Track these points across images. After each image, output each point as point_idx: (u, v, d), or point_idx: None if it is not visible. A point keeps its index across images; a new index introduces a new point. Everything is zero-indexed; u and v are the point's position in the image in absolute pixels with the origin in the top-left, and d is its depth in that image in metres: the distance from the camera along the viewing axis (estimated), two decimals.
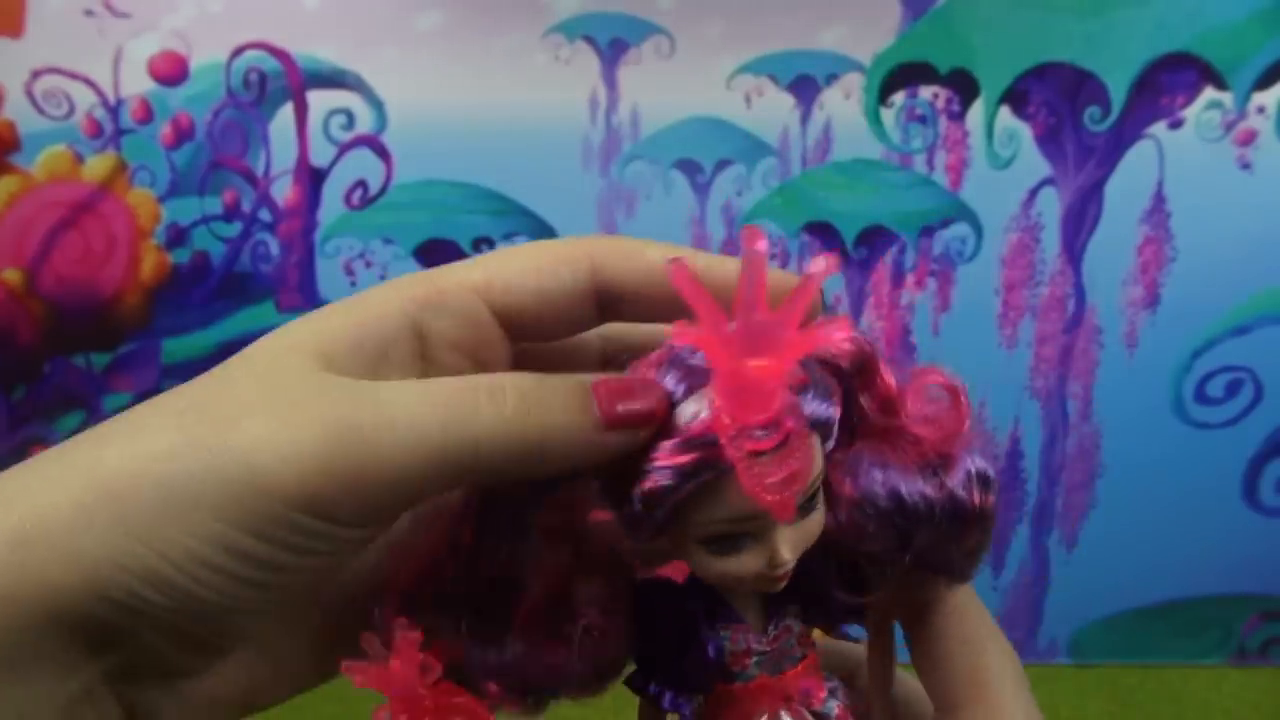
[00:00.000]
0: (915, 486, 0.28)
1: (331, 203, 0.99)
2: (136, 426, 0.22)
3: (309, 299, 1.00)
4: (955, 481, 0.28)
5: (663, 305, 0.27)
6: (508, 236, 1.00)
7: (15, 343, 0.98)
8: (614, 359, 0.30)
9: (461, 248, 1.00)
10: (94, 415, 0.99)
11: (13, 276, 0.98)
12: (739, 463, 0.25)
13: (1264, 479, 1.05)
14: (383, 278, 0.99)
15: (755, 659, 0.29)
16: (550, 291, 0.27)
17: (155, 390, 1.06)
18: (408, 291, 0.26)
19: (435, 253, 1.00)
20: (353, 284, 0.99)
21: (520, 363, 0.28)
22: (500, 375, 0.24)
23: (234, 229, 0.99)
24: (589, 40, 0.99)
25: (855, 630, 0.33)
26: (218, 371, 0.24)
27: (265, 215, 0.99)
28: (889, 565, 0.29)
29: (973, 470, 0.28)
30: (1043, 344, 1.04)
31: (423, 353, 0.26)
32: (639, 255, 0.27)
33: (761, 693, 0.30)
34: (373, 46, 0.99)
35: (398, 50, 0.99)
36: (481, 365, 0.27)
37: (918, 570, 0.29)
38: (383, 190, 0.99)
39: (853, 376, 0.28)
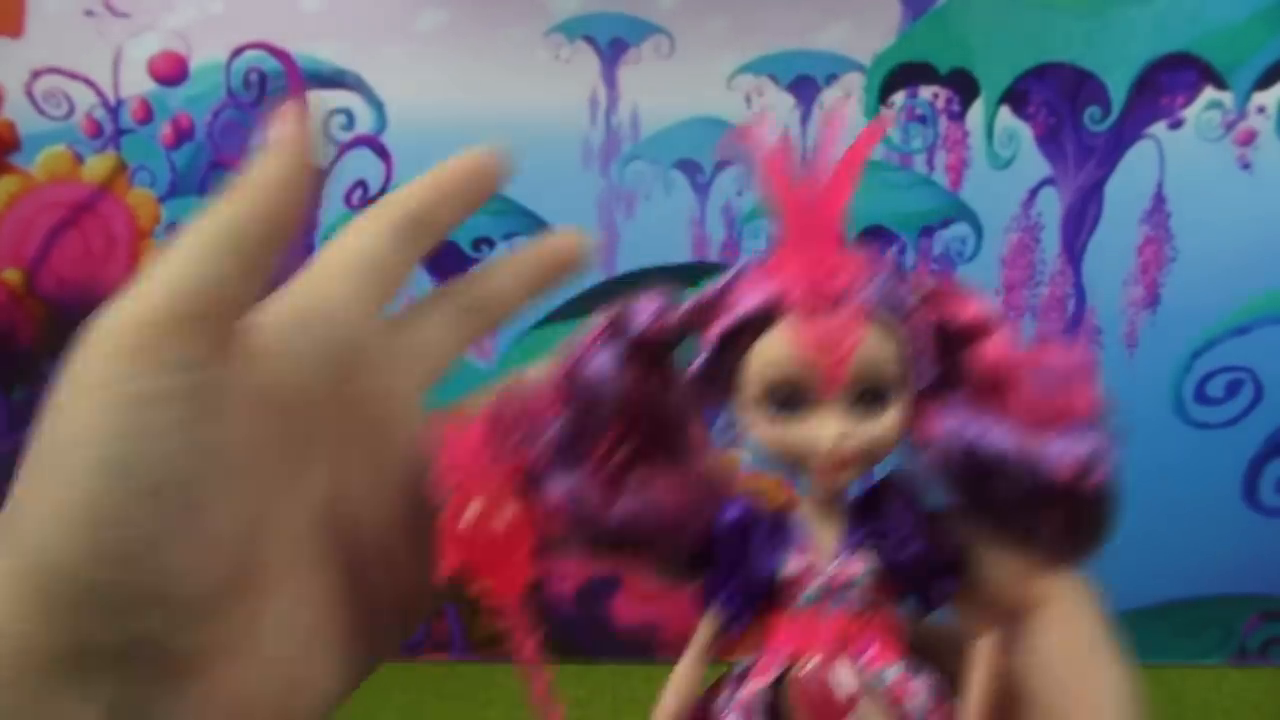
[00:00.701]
0: (995, 436, 0.27)
1: (331, 202, 0.99)
2: None
3: None
4: (1048, 448, 0.27)
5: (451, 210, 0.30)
6: (508, 236, 1.00)
7: (15, 343, 0.98)
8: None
9: (461, 248, 1.00)
10: None
11: (13, 276, 0.98)
12: (794, 307, 0.26)
13: (1264, 479, 1.05)
14: None
15: (814, 587, 0.28)
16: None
17: None
18: None
19: (435, 253, 1.00)
20: None
21: None
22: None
23: None
24: (589, 40, 0.99)
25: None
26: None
27: None
28: (974, 533, 0.28)
29: (1076, 447, 0.27)
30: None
31: None
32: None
33: (813, 626, 0.29)
34: (373, 46, 0.99)
35: (398, 50, 0.99)
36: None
37: (1015, 560, 0.27)
38: (383, 190, 0.99)
39: (963, 337, 0.28)
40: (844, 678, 0.27)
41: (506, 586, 0.27)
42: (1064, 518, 0.27)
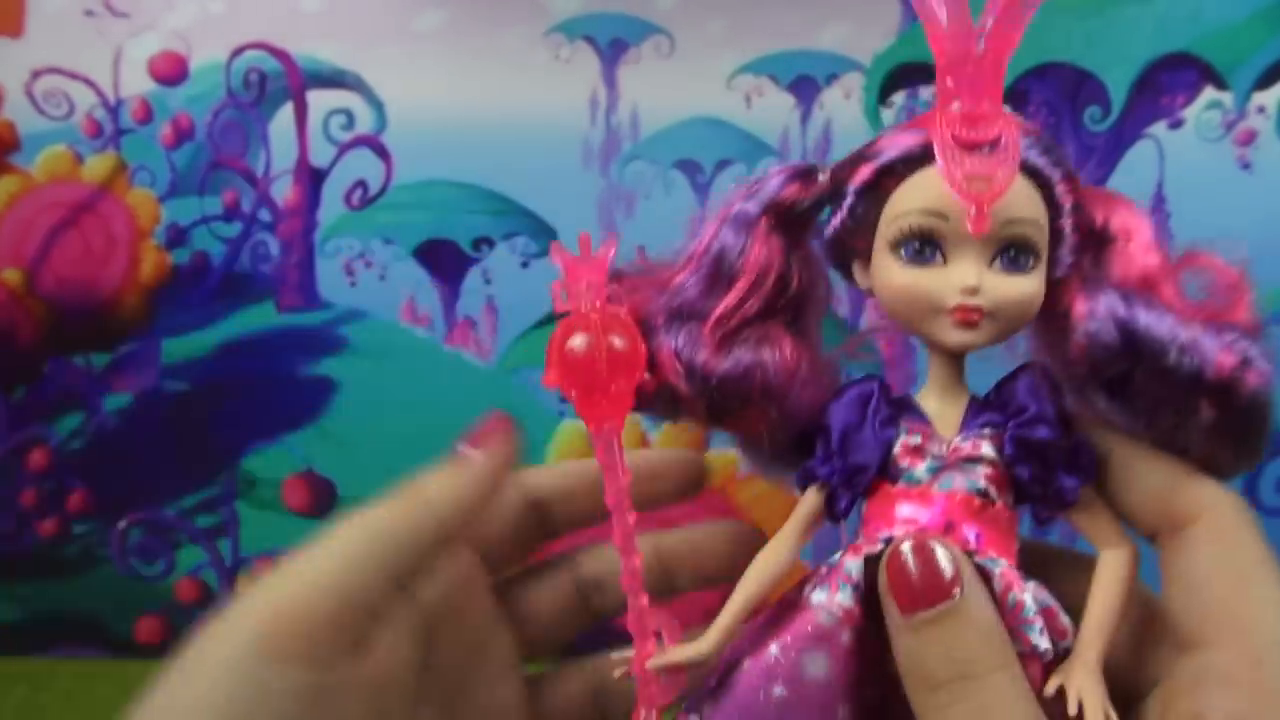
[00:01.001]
0: (1153, 318, 0.25)
1: (331, 203, 0.99)
2: None
3: (309, 299, 1.00)
4: (1207, 338, 0.24)
5: (585, 496, 0.31)
6: (508, 236, 1.00)
7: (15, 343, 0.98)
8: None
9: (461, 248, 1.00)
10: (94, 415, 0.99)
11: (13, 276, 0.98)
12: (944, 147, 0.25)
13: (1264, 479, 1.05)
14: (383, 278, 0.99)
15: (927, 463, 0.27)
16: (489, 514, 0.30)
17: (155, 390, 1.06)
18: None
19: (435, 253, 1.00)
20: (352, 284, 0.99)
21: None
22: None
23: (234, 229, 0.99)
24: (589, 40, 0.99)
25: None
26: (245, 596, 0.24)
27: (265, 215, 0.99)
28: (1116, 434, 0.26)
29: (1237, 344, 0.25)
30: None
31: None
32: (554, 464, 0.30)
33: (922, 502, 0.27)
34: (373, 46, 0.99)
35: (398, 50, 0.99)
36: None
37: (1163, 466, 0.25)
38: (383, 190, 0.99)
39: (1108, 237, 0.27)
40: (946, 557, 0.25)
41: (600, 414, 0.27)
42: (1220, 420, 0.25)
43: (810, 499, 0.29)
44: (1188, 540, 0.24)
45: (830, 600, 0.27)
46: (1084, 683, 0.25)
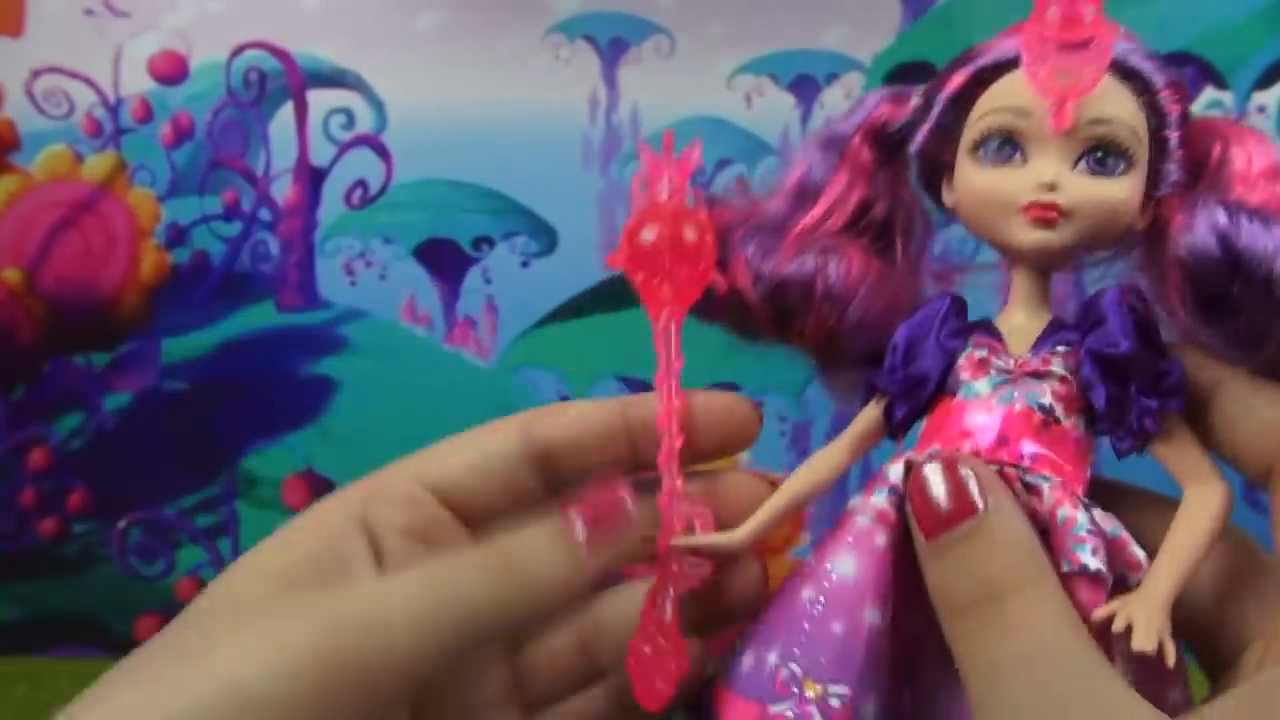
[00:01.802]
0: (1258, 229, 0.23)
1: (331, 202, 0.99)
2: (106, 692, 0.21)
3: (309, 299, 1.00)
4: None
5: (595, 451, 0.28)
6: (508, 236, 1.00)
7: (15, 343, 0.98)
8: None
9: (461, 247, 1.00)
10: (94, 415, 0.99)
11: (13, 276, 0.98)
12: (1030, 44, 0.24)
13: None
14: (383, 278, 0.99)
15: (991, 377, 0.25)
16: (483, 464, 0.27)
17: (155, 390, 1.06)
18: (350, 495, 0.26)
19: (435, 252, 1.00)
20: (352, 284, 0.99)
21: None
22: (481, 545, 0.24)
23: (234, 229, 0.99)
24: (589, 40, 0.99)
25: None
26: (188, 618, 0.24)
27: (265, 215, 0.99)
28: (1217, 365, 0.24)
29: None
30: None
31: (375, 547, 0.25)
32: (562, 411, 0.28)
33: (977, 413, 0.25)
34: (373, 46, 0.98)
35: (398, 50, 0.99)
36: (432, 544, 0.26)
37: (1272, 398, 0.23)
38: (383, 190, 0.99)
39: (1227, 165, 0.25)
40: (968, 475, 0.23)
41: (661, 299, 0.27)
42: None
43: (869, 411, 0.28)
44: None
45: (865, 502, 0.26)
46: (1137, 610, 0.23)
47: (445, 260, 1.00)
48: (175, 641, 0.22)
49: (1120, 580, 0.24)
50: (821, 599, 0.25)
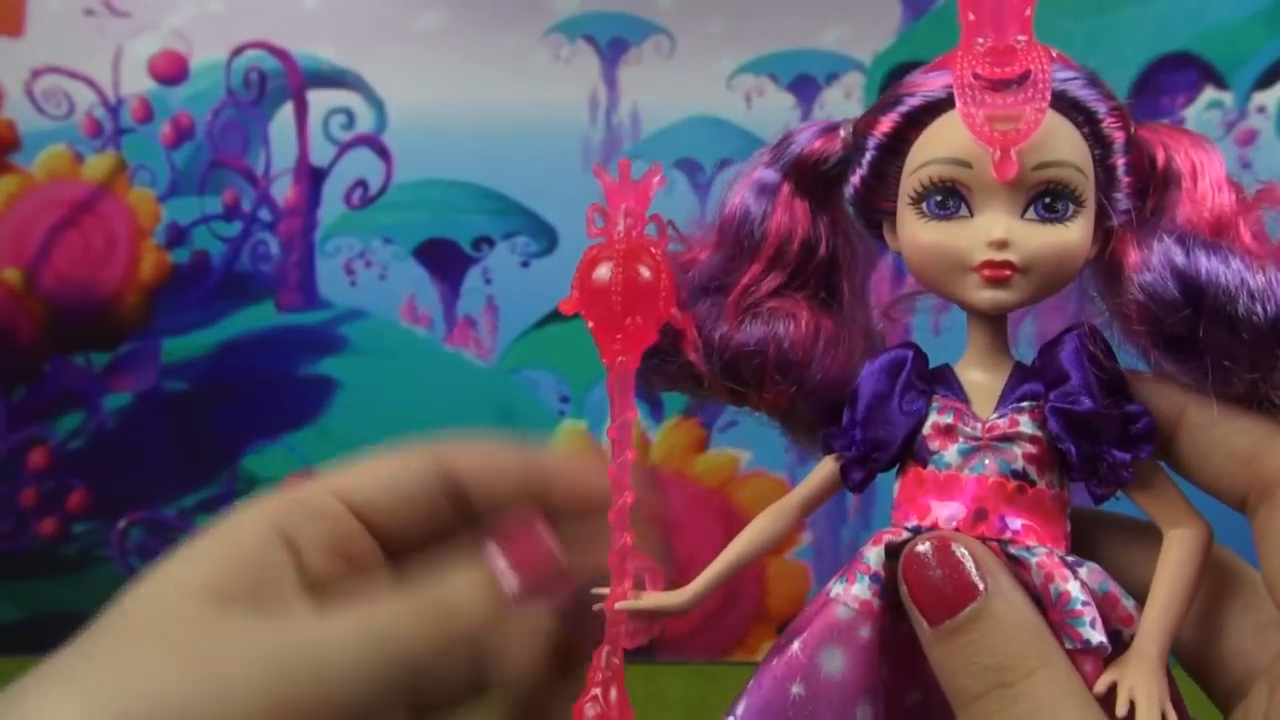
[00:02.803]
0: (1217, 263, 0.22)
1: (331, 202, 0.99)
2: (16, 699, 0.20)
3: (309, 299, 1.00)
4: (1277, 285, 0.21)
5: (506, 485, 0.28)
6: (508, 236, 1.00)
7: (15, 343, 0.98)
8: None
9: (461, 247, 1.00)
10: (94, 415, 0.99)
11: (13, 276, 0.98)
12: (963, 87, 0.23)
13: None
14: (383, 278, 0.99)
15: (959, 445, 0.24)
16: (397, 486, 0.27)
17: (155, 390, 1.06)
18: (268, 506, 0.26)
19: (435, 252, 1.00)
20: (353, 284, 0.99)
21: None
22: (415, 592, 0.24)
23: (234, 229, 0.99)
24: (589, 40, 0.99)
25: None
26: (109, 625, 0.22)
27: (265, 215, 0.99)
28: (1184, 395, 0.23)
29: None
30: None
31: (298, 561, 0.25)
32: (474, 446, 0.28)
33: (950, 488, 0.24)
34: (373, 46, 0.98)
35: (398, 50, 0.99)
36: (353, 563, 0.27)
37: (1244, 425, 0.22)
38: (383, 190, 0.99)
39: (1172, 177, 0.24)
40: (966, 556, 0.22)
41: (615, 347, 0.26)
42: None
43: (825, 467, 0.26)
44: None
45: (847, 592, 0.25)
46: (1137, 679, 0.23)
47: (445, 260, 1.00)
48: (95, 651, 0.21)
49: (1114, 635, 0.24)
50: (812, 697, 0.25)
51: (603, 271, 0.26)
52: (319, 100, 0.99)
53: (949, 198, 0.24)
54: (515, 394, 0.98)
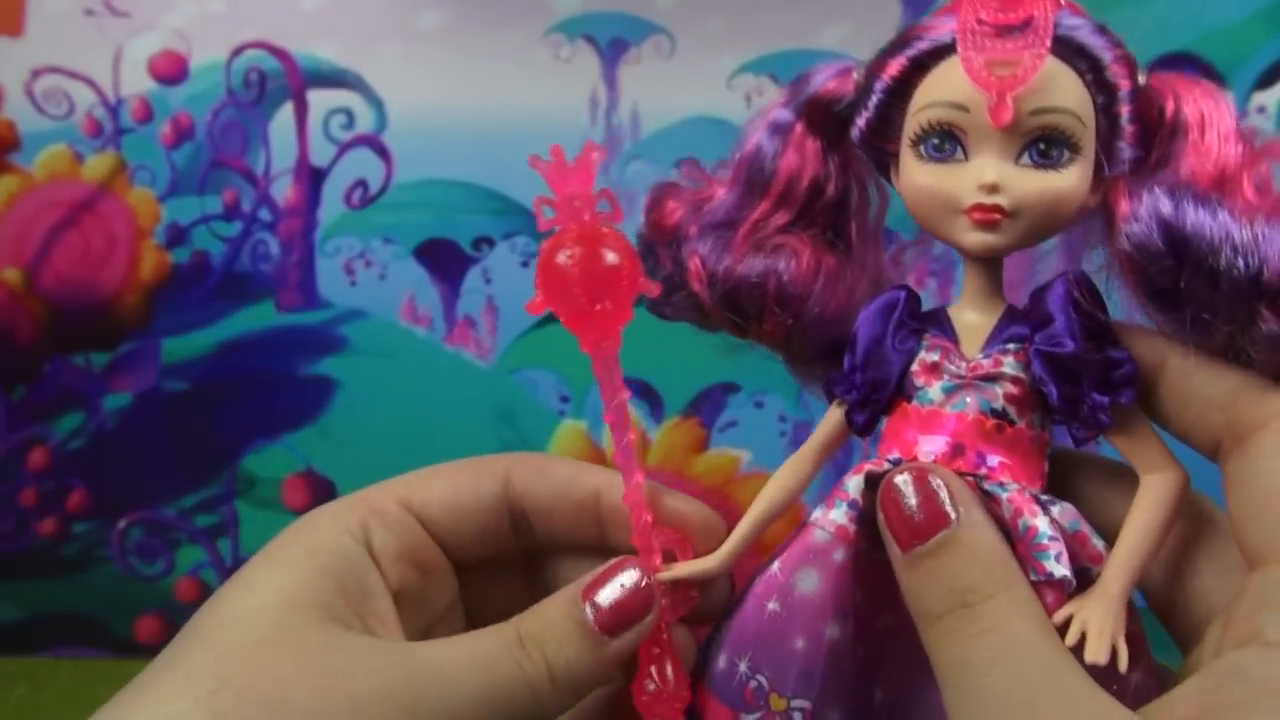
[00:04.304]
0: (1204, 216, 0.22)
1: (331, 202, 0.99)
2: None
3: (309, 299, 1.00)
4: (1273, 238, 0.22)
5: (566, 520, 0.29)
6: (507, 236, 1.00)
7: (15, 342, 0.98)
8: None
9: (461, 247, 1.00)
10: (94, 415, 0.99)
11: (13, 276, 0.98)
12: (965, 31, 0.23)
13: None
14: (383, 278, 0.99)
15: (943, 383, 0.25)
16: (464, 504, 0.28)
17: (155, 390, 1.06)
18: (346, 514, 0.26)
19: (435, 252, 1.00)
20: (352, 284, 0.99)
21: None
22: (519, 625, 0.25)
23: (234, 229, 0.99)
24: (589, 40, 0.99)
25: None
26: (212, 634, 0.23)
27: (265, 215, 0.99)
28: (1168, 343, 0.23)
29: None
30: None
31: (380, 572, 0.26)
32: (548, 470, 0.28)
33: (932, 423, 0.25)
34: (373, 46, 0.98)
35: (398, 50, 0.99)
36: (424, 570, 0.28)
37: (1222, 374, 0.23)
38: (383, 190, 0.99)
39: (1180, 127, 0.24)
40: (939, 486, 0.23)
41: (592, 333, 0.26)
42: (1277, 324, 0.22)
43: (832, 415, 0.28)
44: (1253, 449, 0.23)
45: (824, 517, 0.26)
46: (1092, 612, 0.23)
47: (445, 261, 1.00)
48: (204, 658, 0.22)
49: (1082, 572, 0.24)
50: (785, 613, 0.26)
51: (562, 262, 0.26)
52: (319, 100, 0.99)
53: (945, 141, 0.25)
54: (515, 394, 0.98)
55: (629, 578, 0.26)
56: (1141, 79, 0.25)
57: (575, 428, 0.98)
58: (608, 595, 0.26)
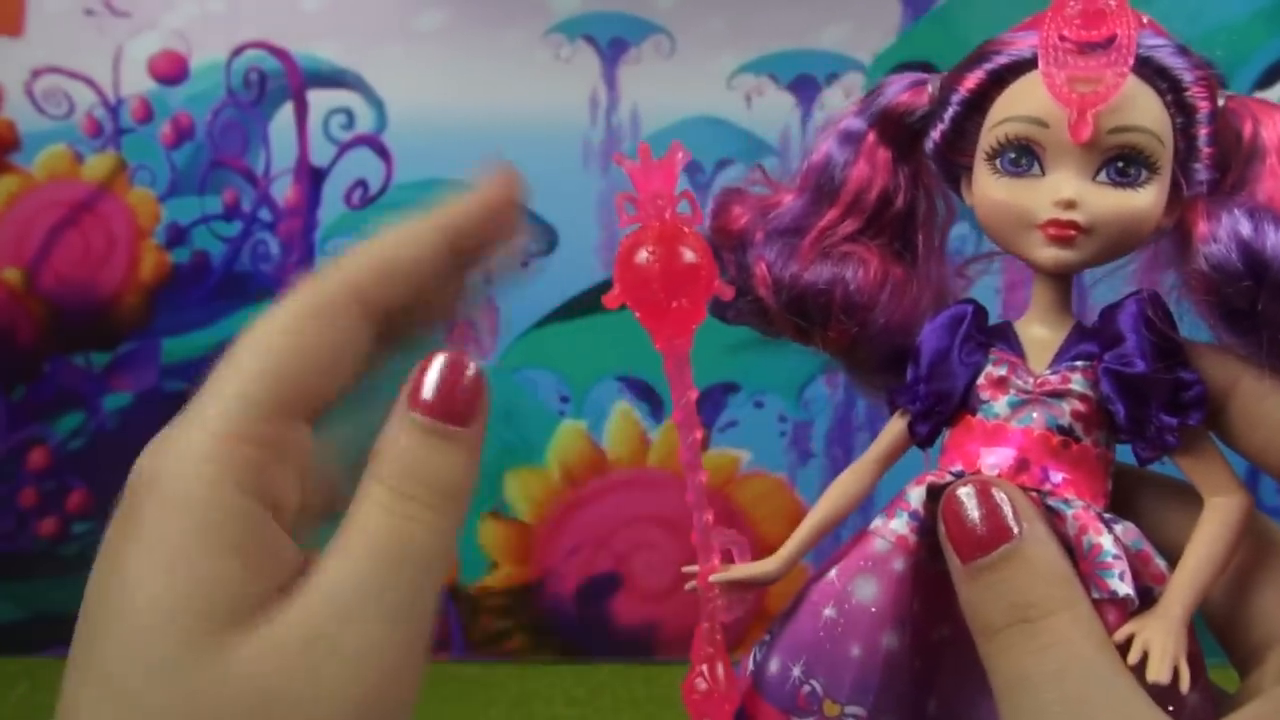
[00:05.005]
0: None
1: (331, 202, 0.99)
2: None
3: None
4: None
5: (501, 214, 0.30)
6: None
7: (15, 343, 0.98)
8: None
9: None
10: (94, 415, 0.99)
11: (13, 276, 0.98)
12: (1048, 47, 0.23)
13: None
14: None
15: (1009, 397, 0.25)
16: (336, 367, 0.27)
17: (155, 390, 1.06)
18: (226, 466, 0.22)
19: None
20: None
21: None
22: (376, 478, 0.24)
23: (234, 229, 0.99)
24: (589, 40, 0.99)
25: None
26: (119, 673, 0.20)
27: (265, 215, 0.99)
28: (1241, 365, 0.23)
29: None
30: None
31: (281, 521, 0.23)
32: (394, 269, 0.29)
33: (997, 437, 0.25)
34: (373, 46, 0.98)
35: (398, 50, 0.99)
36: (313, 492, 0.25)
37: None
38: (383, 190, 0.99)
39: (1259, 150, 0.24)
40: (1003, 500, 0.23)
41: (666, 330, 0.26)
42: None
43: (895, 425, 0.27)
44: None
45: (885, 526, 0.26)
46: (1154, 633, 0.23)
47: None
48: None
49: (1145, 591, 0.25)
50: (842, 620, 0.26)
51: (642, 259, 0.26)
52: (319, 100, 0.99)
53: (1023, 155, 0.25)
54: (515, 394, 0.98)
55: (439, 362, 0.26)
56: (1221, 101, 0.25)
57: (575, 427, 0.98)
58: (430, 387, 0.26)
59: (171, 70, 0.98)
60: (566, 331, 0.98)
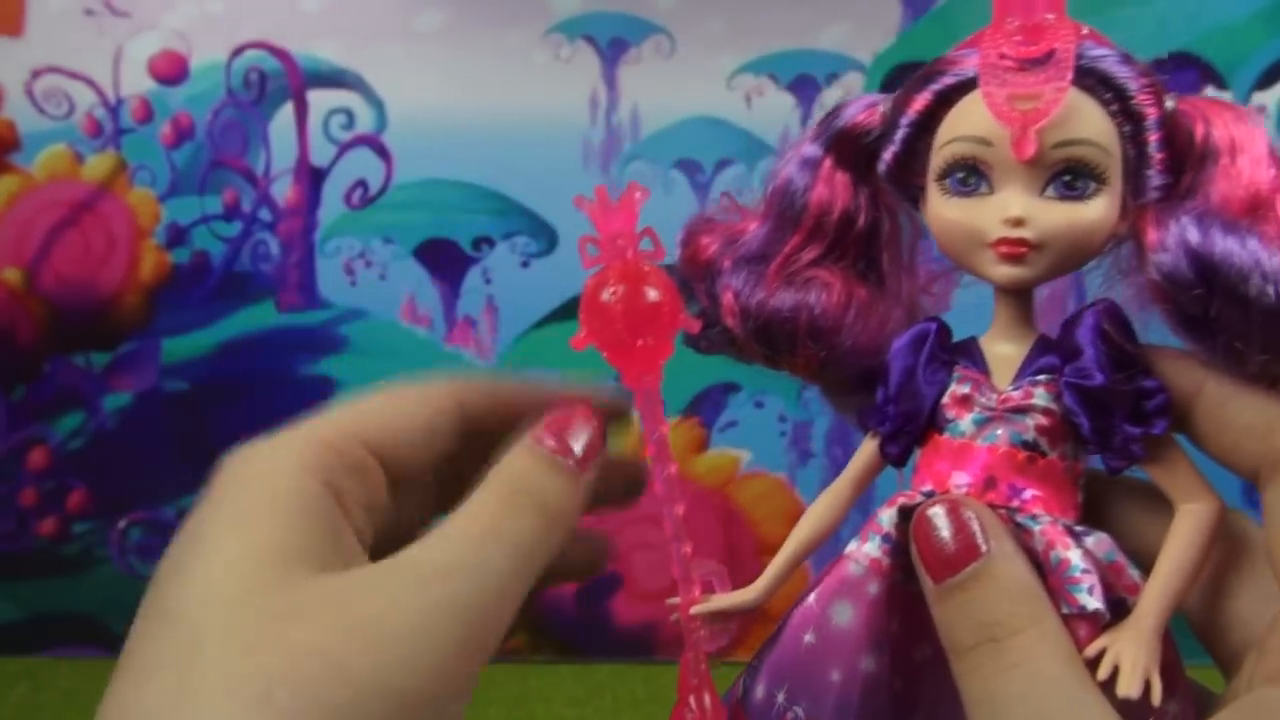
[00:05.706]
0: (1233, 244, 0.22)
1: (331, 202, 0.99)
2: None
3: (309, 299, 1.00)
4: None
5: (508, 419, 0.28)
6: (507, 236, 1.00)
7: (15, 343, 0.98)
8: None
9: (461, 247, 1.00)
10: (94, 415, 0.99)
11: (13, 276, 0.98)
12: (987, 66, 0.23)
13: None
14: (383, 278, 0.99)
15: (974, 415, 0.25)
16: (418, 440, 0.27)
17: (155, 390, 1.06)
18: (305, 455, 0.25)
19: (435, 252, 1.00)
20: (352, 284, 0.99)
21: None
22: (490, 493, 0.25)
23: (234, 229, 0.99)
24: (589, 40, 0.99)
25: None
26: (193, 610, 0.22)
27: (265, 215, 0.99)
28: (1201, 371, 0.23)
29: None
30: None
31: (349, 521, 0.25)
32: (497, 391, 0.29)
33: (964, 456, 0.25)
34: (373, 46, 0.99)
35: (398, 50, 0.99)
36: (378, 512, 0.27)
37: (1259, 401, 0.23)
38: (383, 190, 0.99)
39: (1210, 152, 0.24)
40: (971, 519, 0.23)
41: (634, 369, 0.27)
42: None
43: (867, 446, 0.27)
44: None
45: (859, 550, 0.26)
46: (1125, 646, 0.23)
47: (445, 260, 1.00)
48: (212, 630, 0.22)
49: (1118, 603, 0.24)
50: (821, 645, 0.26)
51: (605, 299, 0.26)
52: (319, 100, 0.99)
53: (970, 175, 0.25)
54: None
55: (566, 410, 0.27)
56: (1170, 105, 0.25)
57: None
58: (555, 430, 0.26)
59: (171, 70, 0.98)
60: (566, 331, 0.97)
